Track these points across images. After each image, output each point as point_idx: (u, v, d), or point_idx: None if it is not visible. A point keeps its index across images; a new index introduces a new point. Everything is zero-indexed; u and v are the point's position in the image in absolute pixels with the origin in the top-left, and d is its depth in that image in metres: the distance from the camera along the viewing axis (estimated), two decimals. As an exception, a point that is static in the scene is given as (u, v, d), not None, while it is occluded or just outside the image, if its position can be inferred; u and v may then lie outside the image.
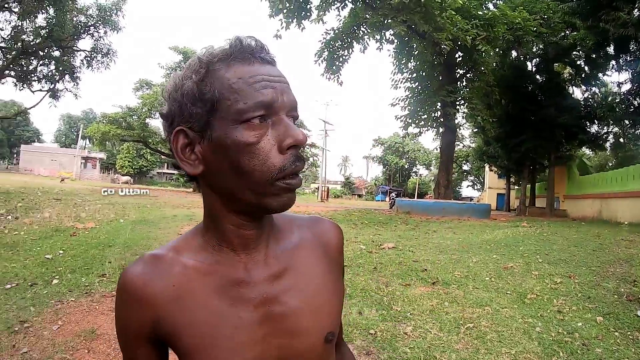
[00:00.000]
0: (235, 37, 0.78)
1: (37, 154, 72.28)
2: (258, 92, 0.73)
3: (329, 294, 0.89)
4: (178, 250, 0.86)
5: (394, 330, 4.63)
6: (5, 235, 9.37)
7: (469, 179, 77.26)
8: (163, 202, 22.96)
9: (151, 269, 0.83)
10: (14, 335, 4.30)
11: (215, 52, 0.77)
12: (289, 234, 0.92)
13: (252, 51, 0.77)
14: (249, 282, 0.82)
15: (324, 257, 0.93)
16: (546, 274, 7.07)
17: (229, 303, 0.81)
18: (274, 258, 0.86)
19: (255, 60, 0.77)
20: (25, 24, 20.86)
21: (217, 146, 0.75)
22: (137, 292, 0.81)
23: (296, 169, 0.76)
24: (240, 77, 0.74)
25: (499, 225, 15.67)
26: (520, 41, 21.50)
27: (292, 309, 0.83)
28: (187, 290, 0.81)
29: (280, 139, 0.74)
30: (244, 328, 0.80)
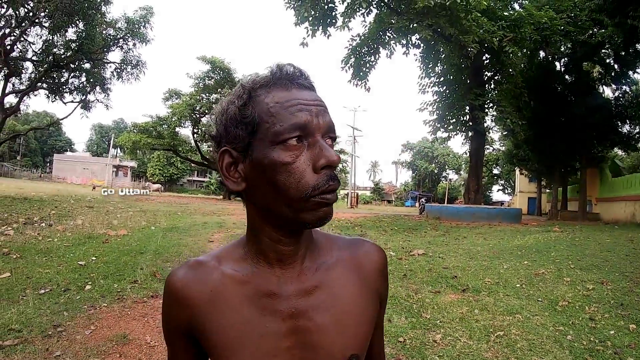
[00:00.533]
0: (275, 65, 0.85)
1: (69, 163, 73.61)
2: (293, 115, 0.78)
3: (357, 316, 0.91)
4: (220, 259, 0.92)
5: (423, 338, 4.64)
6: (39, 242, 9.52)
7: (500, 183, 76.17)
8: (193, 209, 23.17)
9: (192, 274, 0.90)
10: (47, 339, 4.38)
11: (257, 79, 0.84)
12: (327, 254, 0.95)
13: (290, 77, 0.84)
14: (280, 295, 0.87)
15: (359, 280, 0.94)
16: (578, 281, 6.99)
17: (259, 312, 0.86)
18: (307, 275, 0.90)
19: (293, 86, 0.83)
20: (56, 38, 21.22)
21: (257, 165, 0.81)
22: (177, 293, 0.89)
23: (329, 187, 0.80)
24: (278, 102, 0.80)
25: (530, 230, 15.47)
26: (548, 41, 21.17)
27: (318, 325, 0.86)
28: (221, 296, 0.87)
29: (314, 160, 0.79)
30: (269, 337, 0.85)
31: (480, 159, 25.48)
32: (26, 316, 4.93)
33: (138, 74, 25.46)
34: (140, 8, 24.10)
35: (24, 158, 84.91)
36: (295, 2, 21.67)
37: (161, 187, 60.79)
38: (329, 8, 22.12)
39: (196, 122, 43.46)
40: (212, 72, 41.47)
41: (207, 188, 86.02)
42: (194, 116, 42.72)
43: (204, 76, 41.97)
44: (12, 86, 22.83)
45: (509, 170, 58.51)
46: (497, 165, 64.58)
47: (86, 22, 20.33)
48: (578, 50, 23.81)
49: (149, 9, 24.25)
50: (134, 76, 25.44)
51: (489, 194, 75.78)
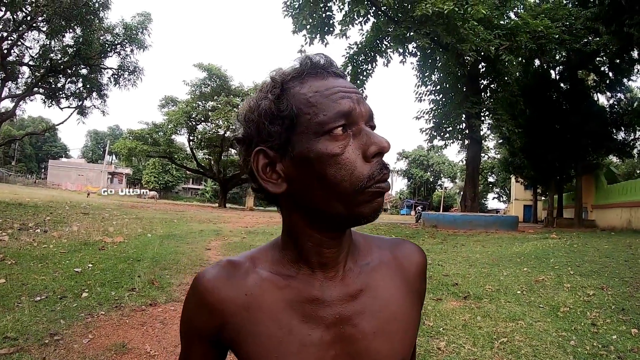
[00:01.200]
0: (304, 56, 0.81)
1: (64, 169, 73.51)
2: (336, 102, 0.74)
3: (404, 320, 0.86)
4: (255, 260, 0.87)
5: (427, 345, 4.62)
6: (34, 248, 9.42)
7: (495, 191, 76.41)
8: (189, 217, 23.15)
9: (225, 275, 0.84)
10: (44, 348, 4.31)
11: (287, 71, 0.80)
12: (368, 255, 0.90)
13: (323, 66, 0.79)
14: (323, 300, 0.81)
15: (402, 282, 0.90)
16: (578, 286, 6.97)
17: (300, 320, 0.80)
18: (350, 278, 0.85)
19: (328, 75, 0.79)
20: (54, 42, 21.16)
21: (300, 161, 0.75)
22: (208, 295, 0.82)
23: (384, 176, 0.75)
24: (317, 91, 0.75)
25: (528, 238, 15.48)
26: (543, 49, 21.18)
27: (365, 332, 0.81)
28: (258, 301, 0.81)
29: (364, 148, 0.74)
30: (312, 346, 0.79)
31: (476, 166, 25.53)
32: (22, 324, 4.86)
33: (135, 80, 25.41)
34: (138, 14, 24.10)
35: (19, 163, 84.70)
36: (293, 10, 21.71)
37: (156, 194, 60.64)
38: (326, 16, 22.18)
39: (192, 130, 43.56)
40: (209, 80, 41.67)
41: (202, 196, 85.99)
42: (190, 123, 42.80)
43: (201, 83, 42.17)
44: (8, 90, 22.74)
45: (504, 178, 58.70)
46: (493, 173, 64.81)
47: (84, 28, 20.31)
48: (573, 58, 23.90)
49: (146, 15, 24.26)
50: (130, 82, 25.40)
51: (485, 202, 75.89)
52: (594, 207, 29.08)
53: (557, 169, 27.96)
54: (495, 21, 20.88)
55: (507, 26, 20.72)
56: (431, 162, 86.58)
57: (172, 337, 4.82)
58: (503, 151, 41.84)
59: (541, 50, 21.13)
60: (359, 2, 19.53)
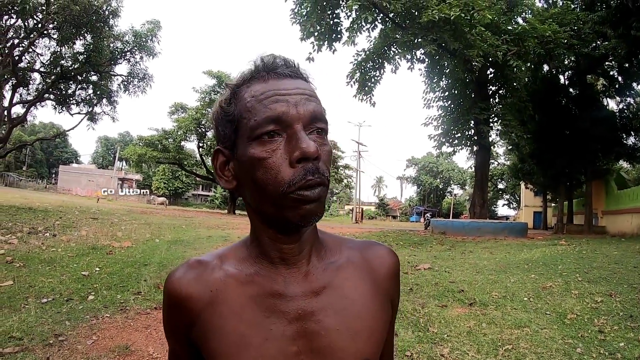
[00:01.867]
0: (258, 57, 0.83)
1: (74, 175, 73.88)
2: (267, 107, 0.75)
3: (369, 319, 0.86)
4: (223, 258, 0.88)
5: (430, 352, 4.59)
6: (43, 252, 9.55)
7: (505, 198, 75.96)
8: (198, 223, 23.17)
9: (193, 273, 0.85)
10: (48, 348, 4.38)
11: (240, 75, 0.83)
12: (336, 254, 0.91)
13: (269, 68, 0.80)
14: (286, 295, 0.82)
15: (370, 282, 0.90)
16: (586, 293, 6.91)
17: (263, 314, 0.81)
18: (314, 275, 0.85)
19: (270, 77, 0.79)
20: (64, 49, 21.40)
21: (240, 163, 0.79)
22: (176, 294, 0.84)
23: (307, 182, 0.74)
24: (254, 96, 0.77)
25: (537, 244, 15.38)
26: (552, 54, 21.04)
27: (328, 329, 0.82)
28: (223, 297, 0.83)
29: (290, 153, 0.74)
30: (274, 341, 0.80)
31: (485, 173, 25.41)
32: (27, 324, 4.93)
33: (145, 87, 25.55)
34: (148, 22, 24.25)
35: (30, 169, 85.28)
36: (300, 18, 21.81)
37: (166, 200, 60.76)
38: (334, 23, 22.29)
39: (201, 136, 43.64)
40: (218, 87, 41.73)
41: (212, 202, 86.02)
42: (200, 130, 42.88)
43: (210, 90, 42.35)
44: (19, 96, 23.09)
45: (514, 184, 58.34)
46: (502, 180, 64.50)
47: (94, 35, 20.51)
48: (582, 63, 23.77)
49: (156, 22, 24.40)
50: (140, 89, 25.54)
51: (494, 209, 75.48)
52: (604, 213, 28.80)
53: (567, 175, 27.73)
54: (503, 26, 20.80)
55: (514, 31, 20.62)
56: (440, 169, 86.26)
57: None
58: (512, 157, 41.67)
59: (549, 55, 21.03)
60: (366, 8, 19.54)
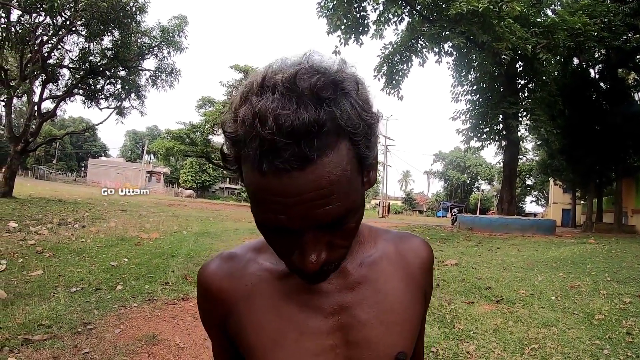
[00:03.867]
0: (250, 115, 0.59)
1: (103, 168, 74.64)
2: (265, 215, 0.63)
3: (403, 313, 0.85)
4: (256, 251, 0.87)
5: (456, 349, 4.56)
6: (72, 242, 9.73)
7: (533, 194, 74.98)
8: (225, 215, 23.41)
9: (226, 267, 0.85)
10: (76, 336, 4.47)
11: (237, 131, 0.60)
12: (371, 247, 0.89)
13: (264, 153, 0.57)
14: (322, 290, 0.82)
15: (404, 275, 0.89)
16: (615, 294, 6.80)
17: (299, 309, 0.81)
18: (350, 269, 0.84)
19: (269, 170, 0.58)
20: (92, 46, 21.62)
21: None
22: (210, 287, 0.84)
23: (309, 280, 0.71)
24: (249, 184, 0.63)
25: (565, 242, 15.18)
26: (582, 47, 20.56)
27: (363, 322, 0.81)
28: (258, 291, 0.82)
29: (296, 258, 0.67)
30: (311, 335, 0.79)
31: (513, 169, 25.11)
32: (57, 313, 5.03)
33: (172, 81, 25.68)
34: (175, 17, 24.37)
35: (60, 162, 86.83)
36: (327, 11, 21.75)
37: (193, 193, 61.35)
38: (361, 16, 22.18)
39: (229, 130, 43.80)
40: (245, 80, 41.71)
41: (239, 195, 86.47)
42: (227, 124, 43.06)
43: (237, 84, 42.46)
44: (49, 92, 23.41)
45: (542, 180, 57.63)
46: (531, 176, 63.67)
47: (122, 31, 20.72)
48: (612, 56, 23.26)
49: (183, 18, 24.51)
50: (168, 84, 25.68)
51: (522, 205, 74.48)
52: (634, 212, 28.16)
53: (597, 172, 27.24)
54: (532, 19, 20.50)
55: (544, 24, 20.20)
56: (468, 164, 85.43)
57: (202, 331, 4.87)
58: (541, 153, 41.14)
59: (579, 48, 20.59)
60: (394, 1, 19.46)
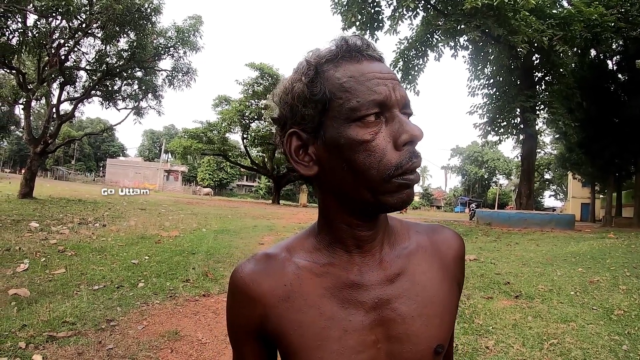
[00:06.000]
0: (340, 38, 0.79)
1: (122, 167, 75.38)
2: (371, 89, 0.73)
3: (441, 305, 0.86)
4: (291, 250, 0.87)
5: (475, 344, 4.56)
6: (93, 241, 9.84)
7: (551, 188, 74.25)
8: (243, 213, 23.51)
9: (263, 268, 0.84)
10: (100, 332, 4.54)
11: (322, 53, 0.79)
12: (405, 239, 0.90)
13: (359, 49, 0.77)
14: (362, 284, 0.82)
15: (440, 267, 0.90)
16: (634, 289, 6.72)
17: (340, 305, 0.81)
18: (388, 262, 0.85)
19: (364, 58, 0.77)
20: (109, 47, 21.77)
21: (331, 146, 0.76)
22: (247, 289, 0.83)
23: (413, 165, 0.74)
24: (352, 76, 0.74)
25: (584, 237, 15.03)
26: (599, 38, 20.15)
27: (404, 316, 0.82)
28: (298, 290, 0.82)
29: (395, 136, 0.74)
30: (354, 331, 0.79)
31: (532, 162, 24.84)
32: (80, 310, 5.11)
33: (189, 81, 25.81)
34: (190, 17, 24.49)
35: (78, 162, 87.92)
36: (341, 7, 21.75)
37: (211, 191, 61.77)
38: (375, 12, 22.19)
39: (246, 128, 44.08)
40: (261, 79, 41.92)
41: (256, 192, 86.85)
42: (244, 122, 43.36)
43: (253, 82, 42.53)
44: (67, 94, 23.78)
45: (561, 175, 56.99)
46: (549, 170, 62.86)
47: (137, 32, 20.85)
48: (630, 47, 22.71)
49: (197, 18, 24.61)
50: (184, 83, 25.80)
51: (541, 200, 73.77)
52: (654, 207, 27.77)
53: (616, 165, 26.84)
54: (548, 10, 20.22)
55: (559, 15, 19.94)
56: (486, 159, 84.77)
57: (224, 326, 4.89)
58: (559, 147, 40.67)
59: (596, 39, 20.24)
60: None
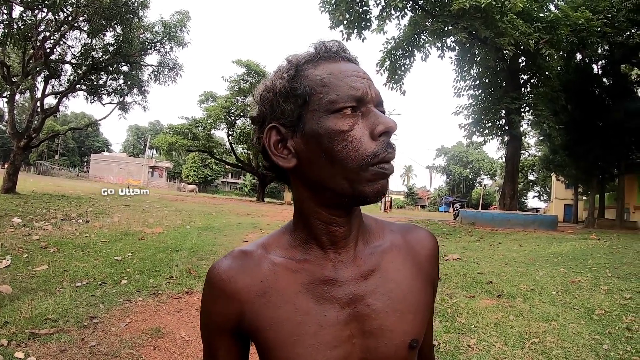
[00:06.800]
0: (319, 41, 0.85)
1: (106, 163, 74.72)
2: (349, 85, 0.78)
3: (414, 301, 0.88)
4: (267, 247, 0.88)
5: (457, 342, 4.61)
6: (76, 237, 9.73)
7: (535, 190, 74.72)
8: (228, 210, 23.40)
9: (239, 264, 0.85)
10: (83, 330, 4.51)
11: (302, 55, 0.84)
12: (379, 237, 0.92)
13: (337, 51, 0.84)
14: (337, 280, 0.83)
15: (413, 265, 0.91)
16: (615, 289, 6.81)
17: (316, 301, 0.82)
18: (362, 258, 0.87)
19: (341, 59, 0.83)
20: (95, 41, 21.48)
21: (310, 137, 0.79)
22: (224, 286, 0.84)
23: (389, 155, 0.78)
24: (331, 73, 0.80)
25: (567, 238, 15.19)
26: (585, 43, 20.56)
27: (378, 311, 0.83)
28: (274, 287, 0.83)
29: (371, 127, 0.77)
30: (329, 327, 0.81)
31: (516, 164, 25.04)
32: (63, 307, 5.08)
33: (175, 76, 25.59)
34: (177, 12, 24.32)
35: (62, 157, 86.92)
36: (330, 6, 21.73)
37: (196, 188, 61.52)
38: (363, 11, 22.15)
39: (231, 125, 43.84)
40: (247, 76, 41.69)
41: (241, 190, 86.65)
42: (229, 119, 43.10)
43: (239, 79, 42.32)
44: (51, 88, 23.48)
45: (544, 176, 57.49)
46: (533, 171, 63.33)
47: (124, 26, 20.61)
48: (615, 52, 23.15)
49: (185, 13, 24.43)
50: (170, 79, 25.58)
51: (525, 201, 74.28)
52: (636, 208, 28.19)
53: (599, 168, 27.15)
54: (535, 14, 20.35)
55: (546, 19, 20.05)
56: (470, 159, 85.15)
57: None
58: (544, 148, 41.03)
59: (582, 43, 20.60)
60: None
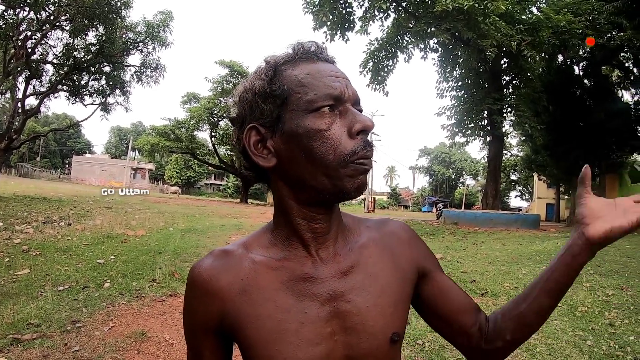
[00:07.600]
0: (297, 42, 0.86)
1: (88, 165, 74.10)
2: (327, 85, 0.80)
3: (394, 295, 0.89)
4: (247, 246, 0.89)
5: (442, 340, 4.59)
6: (58, 240, 9.62)
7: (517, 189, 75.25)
8: (211, 211, 23.31)
9: (220, 263, 0.86)
10: (66, 334, 4.46)
11: (280, 56, 0.85)
12: (357, 233, 0.93)
13: (314, 52, 0.85)
14: (317, 278, 0.84)
15: (389, 258, 0.92)
16: (598, 286, 6.88)
17: (296, 298, 0.83)
18: (341, 255, 0.88)
19: (319, 59, 0.85)
20: (77, 41, 21.35)
21: (289, 136, 0.80)
22: (205, 285, 0.84)
23: (367, 153, 0.80)
24: (309, 73, 0.81)
25: (549, 236, 15.33)
26: (566, 45, 20.75)
27: (359, 307, 0.84)
28: (254, 285, 0.83)
29: (349, 125, 0.79)
30: (310, 324, 0.81)
31: (498, 164, 25.26)
32: (45, 311, 5.01)
33: (157, 77, 25.52)
34: (160, 12, 24.23)
35: (43, 159, 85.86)
36: (313, 7, 21.73)
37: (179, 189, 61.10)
38: (347, 13, 22.20)
39: (214, 126, 43.74)
40: (231, 76, 41.62)
41: (224, 191, 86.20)
42: (212, 120, 43.02)
43: (222, 80, 42.25)
44: (32, 88, 23.17)
45: (527, 176, 57.90)
46: (515, 171, 63.79)
47: (106, 26, 20.51)
48: (597, 54, 23.40)
49: (168, 13, 24.35)
50: (153, 79, 25.50)
51: (507, 200, 74.79)
52: (617, 207, 28.40)
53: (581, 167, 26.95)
54: (517, 16, 20.53)
55: (529, 21, 20.31)
56: (453, 159, 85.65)
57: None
58: (526, 149, 41.41)
59: (564, 45, 20.77)
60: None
